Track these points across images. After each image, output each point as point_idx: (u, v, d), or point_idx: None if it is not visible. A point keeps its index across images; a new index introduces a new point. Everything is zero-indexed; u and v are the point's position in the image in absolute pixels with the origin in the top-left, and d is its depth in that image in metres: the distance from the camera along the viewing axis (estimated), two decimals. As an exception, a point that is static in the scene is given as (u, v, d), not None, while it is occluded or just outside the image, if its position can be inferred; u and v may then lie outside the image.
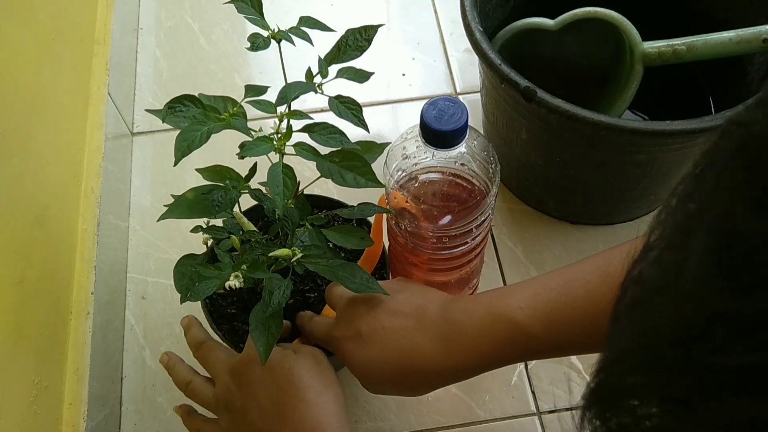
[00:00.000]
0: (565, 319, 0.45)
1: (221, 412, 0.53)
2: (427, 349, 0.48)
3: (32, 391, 0.54)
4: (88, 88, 0.75)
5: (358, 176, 0.47)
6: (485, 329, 0.47)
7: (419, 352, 0.48)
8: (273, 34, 0.48)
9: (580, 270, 0.47)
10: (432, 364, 0.48)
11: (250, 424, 0.50)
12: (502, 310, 0.47)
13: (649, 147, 0.61)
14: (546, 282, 0.48)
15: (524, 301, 0.47)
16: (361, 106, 0.49)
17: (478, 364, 0.48)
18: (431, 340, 0.48)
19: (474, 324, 0.48)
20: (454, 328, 0.48)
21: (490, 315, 0.47)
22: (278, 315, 0.50)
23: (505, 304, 0.47)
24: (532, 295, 0.47)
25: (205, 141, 0.44)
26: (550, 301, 0.46)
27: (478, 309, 0.48)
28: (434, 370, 0.48)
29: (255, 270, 0.49)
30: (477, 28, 0.63)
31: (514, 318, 0.46)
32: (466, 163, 0.53)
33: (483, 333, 0.47)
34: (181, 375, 0.57)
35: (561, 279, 0.47)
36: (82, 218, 0.67)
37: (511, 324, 0.46)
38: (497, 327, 0.47)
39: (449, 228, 0.54)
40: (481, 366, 0.48)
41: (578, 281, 0.46)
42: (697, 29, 0.66)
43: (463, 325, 0.48)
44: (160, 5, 0.95)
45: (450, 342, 0.48)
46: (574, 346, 0.47)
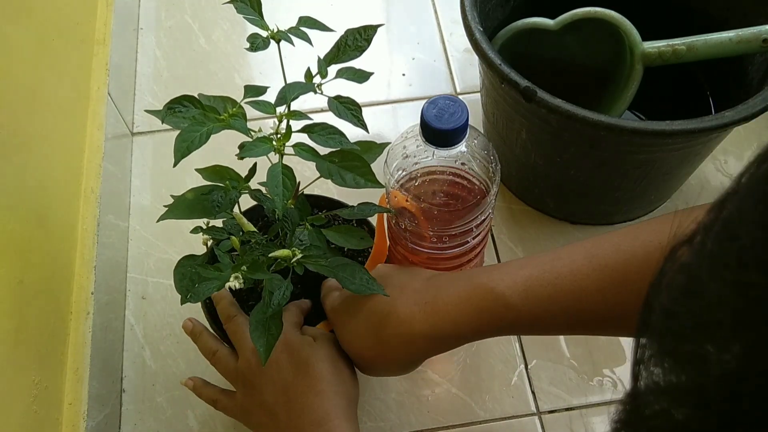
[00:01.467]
0: (546, 294, 0.45)
1: (239, 385, 0.54)
2: (404, 312, 0.49)
3: (32, 391, 0.54)
4: (88, 88, 0.75)
5: (357, 177, 0.47)
6: (464, 296, 0.47)
7: (395, 316, 0.49)
8: (272, 34, 0.48)
9: (569, 251, 0.47)
10: (407, 327, 0.48)
11: (263, 403, 0.52)
12: (484, 281, 0.47)
13: (649, 147, 0.61)
14: (531, 260, 0.48)
15: (507, 275, 0.47)
16: (360, 106, 0.49)
17: (453, 331, 0.48)
18: (409, 305, 0.49)
19: (454, 291, 0.48)
20: (434, 294, 0.49)
21: (471, 284, 0.48)
22: (278, 315, 0.50)
23: (487, 275, 0.48)
24: (516, 269, 0.47)
25: (205, 142, 0.44)
26: (533, 276, 0.46)
27: (460, 278, 0.49)
28: (408, 334, 0.48)
29: (255, 271, 0.49)
30: (477, 28, 0.63)
31: (494, 288, 0.46)
32: (467, 162, 0.53)
33: (461, 300, 0.47)
34: (208, 343, 0.57)
35: (548, 257, 0.48)
36: (82, 218, 0.67)
37: (491, 293, 0.46)
38: (475, 294, 0.47)
39: (449, 227, 0.54)
40: (456, 334, 0.48)
41: (564, 260, 0.46)
42: (697, 29, 0.66)
43: (443, 292, 0.48)
44: (160, 5, 0.95)
45: (426, 306, 0.48)
46: (553, 324, 0.47)
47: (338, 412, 0.50)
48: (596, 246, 0.46)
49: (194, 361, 0.69)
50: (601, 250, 0.46)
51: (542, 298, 0.46)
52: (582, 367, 0.68)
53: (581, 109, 0.57)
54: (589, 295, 0.45)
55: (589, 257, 0.46)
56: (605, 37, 0.68)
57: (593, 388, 0.67)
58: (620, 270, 0.44)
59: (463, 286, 0.48)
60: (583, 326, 0.47)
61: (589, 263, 0.45)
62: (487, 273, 0.48)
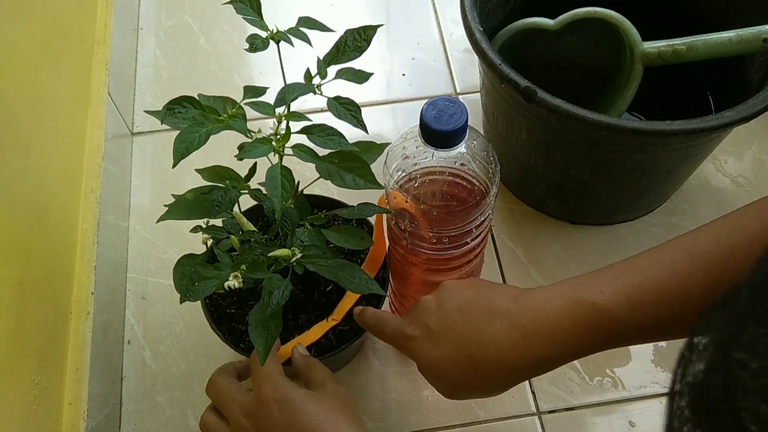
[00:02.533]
0: (651, 301, 0.43)
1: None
2: (501, 339, 0.45)
3: (32, 391, 0.54)
4: (88, 88, 0.75)
5: (357, 177, 0.47)
6: (565, 315, 0.44)
7: (492, 343, 0.46)
8: (272, 34, 0.48)
9: (664, 251, 0.45)
10: (507, 356, 0.45)
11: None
12: (583, 296, 0.44)
13: (649, 147, 0.61)
14: (627, 266, 0.45)
15: (606, 286, 0.44)
16: (359, 107, 0.49)
17: (558, 353, 0.45)
18: (505, 330, 0.46)
19: (552, 311, 0.45)
20: (530, 317, 0.45)
21: (569, 301, 0.44)
22: (277, 315, 0.50)
23: (584, 289, 0.44)
24: (613, 279, 0.44)
25: (204, 142, 0.44)
26: (634, 284, 0.43)
27: (555, 296, 0.46)
28: (510, 362, 0.45)
29: (254, 270, 0.49)
30: (477, 28, 0.63)
31: (596, 302, 0.43)
32: (466, 163, 0.53)
33: (563, 319, 0.44)
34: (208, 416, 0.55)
35: (644, 261, 0.45)
36: (82, 218, 0.67)
37: (594, 308, 0.43)
38: (578, 312, 0.44)
39: (449, 228, 0.54)
40: (560, 356, 0.45)
41: (663, 263, 0.44)
42: (697, 29, 0.66)
43: (540, 313, 0.45)
44: (160, 5, 0.95)
45: (525, 331, 0.45)
46: (660, 330, 0.44)
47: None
48: (694, 243, 0.44)
49: (194, 361, 0.69)
50: (699, 246, 0.43)
51: (649, 306, 0.43)
52: (582, 367, 0.68)
53: (581, 109, 0.57)
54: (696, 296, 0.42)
55: (689, 256, 0.43)
56: (605, 37, 0.68)
57: (593, 388, 0.67)
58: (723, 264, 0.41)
59: (562, 305, 0.45)
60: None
61: (691, 262, 0.43)
62: (584, 286, 0.45)
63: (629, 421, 0.65)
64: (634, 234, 0.75)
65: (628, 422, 0.65)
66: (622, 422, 0.65)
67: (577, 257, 0.74)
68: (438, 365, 0.48)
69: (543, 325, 0.45)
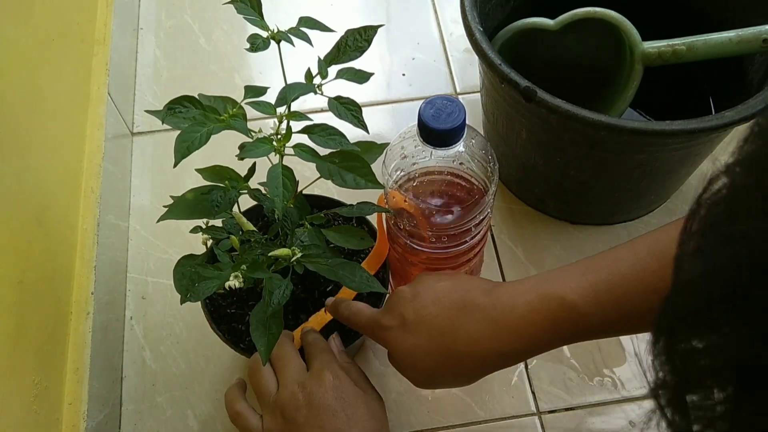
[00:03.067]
0: (616, 296, 0.44)
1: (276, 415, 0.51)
2: (473, 331, 0.47)
3: (32, 391, 0.54)
4: (88, 88, 0.75)
5: (358, 177, 0.47)
6: (534, 309, 0.46)
7: (465, 335, 0.47)
8: (272, 34, 0.48)
9: (630, 249, 0.46)
10: (478, 347, 0.47)
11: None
12: (552, 290, 0.46)
13: (649, 147, 0.61)
14: (594, 262, 0.47)
15: (573, 281, 0.46)
16: (360, 106, 0.49)
17: (527, 346, 0.46)
18: (477, 322, 0.47)
19: (522, 305, 0.47)
20: (502, 310, 0.47)
21: (539, 295, 0.46)
22: (278, 315, 0.50)
23: (553, 285, 0.46)
24: (580, 275, 0.46)
25: (205, 142, 0.44)
26: (600, 280, 0.45)
27: (526, 290, 0.47)
28: (480, 353, 0.47)
29: (255, 270, 0.49)
30: (477, 28, 0.63)
31: (564, 297, 0.45)
32: (465, 162, 0.53)
33: (532, 313, 0.46)
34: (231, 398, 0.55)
35: (609, 258, 0.47)
36: (82, 218, 0.67)
37: (562, 302, 0.45)
38: (547, 306, 0.46)
39: (448, 227, 0.54)
40: (529, 348, 0.47)
41: (627, 260, 0.45)
42: (697, 29, 0.66)
43: (511, 307, 0.47)
44: (160, 5, 0.95)
45: (497, 324, 0.47)
46: (625, 324, 0.46)
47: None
48: (657, 240, 0.45)
49: (194, 361, 0.69)
50: (662, 244, 0.45)
51: (614, 301, 0.44)
52: (582, 367, 0.68)
53: (581, 109, 0.57)
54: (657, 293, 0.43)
55: (652, 253, 0.45)
56: (605, 37, 0.68)
57: (593, 388, 0.67)
58: None
59: (531, 299, 0.46)
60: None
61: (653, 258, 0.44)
62: (551, 282, 0.47)
63: (629, 421, 0.65)
64: (634, 234, 0.75)
65: (628, 422, 0.65)
66: (622, 422, 0.65)
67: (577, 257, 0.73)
68: (411, 354, 0.49)
69: (513, 319, 0.46)
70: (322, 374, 0.51)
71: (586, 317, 0.45)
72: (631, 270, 0.45)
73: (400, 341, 0.50)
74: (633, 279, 0.44)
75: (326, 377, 0.51)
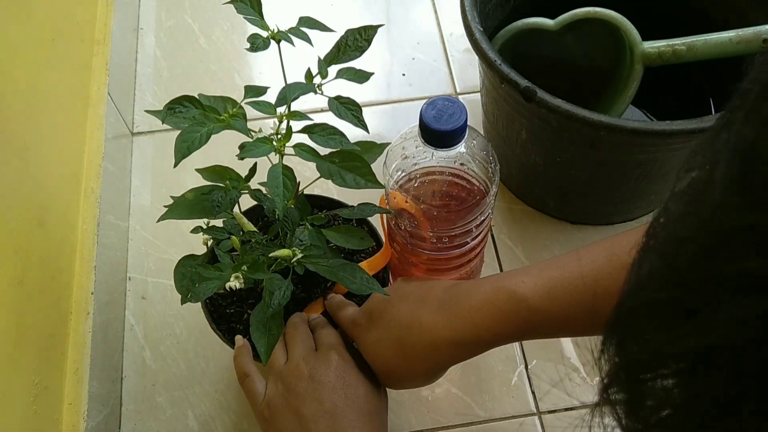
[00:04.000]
0: (567, 294, 0.45)
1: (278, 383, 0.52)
2: (426, 320, 0.49)
3: (32, 391, 0.54)
4: (88, 88, 0.75)
5: (358, 177, 0.47)
6: (486, 300, 0.47)
7: (417, 324, 0.49)
8: (272, 34, 0.48)
9: (588, 250, 0.47)
10: (428, 336, 0.48)
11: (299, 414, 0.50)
12: (505, 284, 0.47)
13: (649, 147, 0.61)
14: (553, 261, 0.48)
15: (528, 277, 0.47)
16: (360, 106, 0.49)
17: (477, 337, 0.47)
18: (431, 312, 0.49)
19: (476, 296, 0.48)
20: (456, 301, 0.48)
21: (493, 288, 0.47)
22: (279, 315, 0.50)
23: (508, 280, 0.47)
24: (537, 272, 0.47)
25: (205, 142, 0.44)
26: (554, 277, 0.46)
27: (483, 284, 0.49)
28: (431, 342, 0.48)
29: (255, 270, 0.49)
30: (477, 28, 0.63)
31: (515, 290, 0.46)
32: (466, 163, 0.53)
33: (484, 304, 0.47)
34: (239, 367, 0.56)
35: (568, 258, 0.47)
36: (82, 218, 0.67)
37: (513, 296, 0.46)
38: (498, 298, 0.47)
39: (449, 228, 0.54)
40: (480, 340, 0.48)
41: (584, 259, 0.46)
42: (697, 29, 0.66)
43: (465, 298, 0.48)
44: (160, 5, 0.95)
45: (449, 313, 0.48)
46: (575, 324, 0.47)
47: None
48: (615, 245, 0.46)
49: (194, 361, 0.69)
50: (619, 248, 0.45)
51: (564, 298, 0.45)
52: (582, 367, 0.68)
53: (581, 109, 0.57)
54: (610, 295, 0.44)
55: (608, 256, 0.45)
56: (605, 37, 0.68)
57: (594, 389, 0.67)
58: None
59: (485, 291, 0.48)
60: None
61: (609, 262, 0.45)
62: (510, 276, 0.48)
63: (629, 421, 0.65)
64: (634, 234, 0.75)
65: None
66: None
67: (577, 257, 0.74)
68: (373, 349, 0.51)
69: (465, 309, 0.48)
70: (329, 354, 0.52)
71: (537, 312, 0.45)
72: (587, 270, 0.45)
73: (365, 336, 0.52)
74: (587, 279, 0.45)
75: (332, 357, 0.52)
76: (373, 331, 0.51)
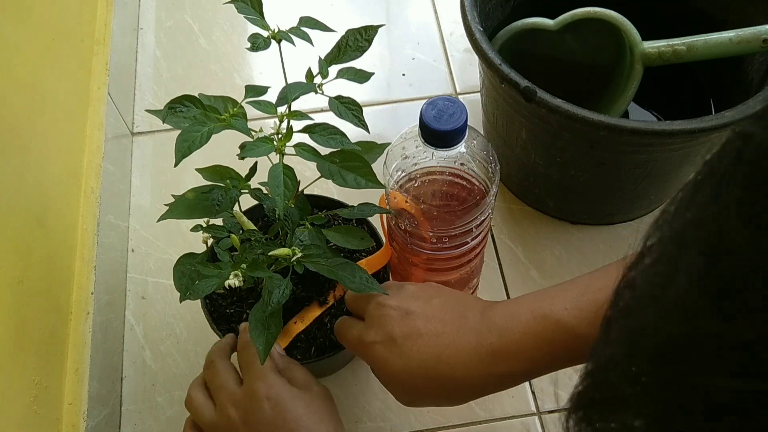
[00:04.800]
0: None
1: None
2: (469, 356, 0.45)
3: (32, 391, 0.54)
4: (88, 88, 0.75)
5: (358, 177, 0.47)
6: (531, 332, 0.45)
7: (461, 362, 0.46)
8: (273, 34, 0.48)
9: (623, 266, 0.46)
10: (475, 372, 0.45)
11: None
12: (548, 312, 0.45)
13: (649, 147, 0.61)
14: (590, 282, 0.46)
15: (570, 302, 0.45)
16: (361, 106, 0.49)
17: (526, 369, 0.45)
18: (472, 346, 0.46)
19: (519, 328, 0.45)
20: (498, 333, 0.46)
21: (535, 318, 0.45)
22: (278, 314, 0.50)
23: (549, 306, 0.45)
24: (577, 296, 0.45)
25: (206, 142, 0.44)
26: (597, 301, 0.44)
27: (522, 312, 0.46)
28: (478, 378, 0.46)
29: (255, 269, 0.49)
30: (477, 28, 0.63)
31: (560, 319, 0.44)
32: (466, 163, 0.53)
33: (529, 336, 0.45)
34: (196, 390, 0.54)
35: (607, 278, 0.45)
36: (82, 218, 0.67)
37: (559, 325, 0.44)
38: (544, 329, 0.44)
39: (449, 228, 0.54)
40: (528, 371, 0.46)
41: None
42: (697, 29, 0.66)
43: (508, 330, 0.45)
44: (160, 5, 0.95)
45: (493, 347, 0.45)
46: None
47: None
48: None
49: (194, 361, 0.69)
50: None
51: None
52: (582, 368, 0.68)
53: (581, 109, 0.57)
54: None
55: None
56: (605, 37, 0.68)
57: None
58: None
59: (527, 321, 0.45)
60: None
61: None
62: (548, 302, 0.45)
63: (629, 421, 0.65)
64: (635, 234, 0.75)
65: (628, 422, 0.65)
66: (622, 422, 0.65)
67: (577, 257, 0.74)
68: (401, 376, 0.47)
69: (510, 342, 0.45)
70: (254, 387, 0.50)
71: (583, 339, 0.43)
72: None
73: (389, 362, 0.47)
74: None
75: (259, 389, 0.49)
76: (397, 359, 0.47)
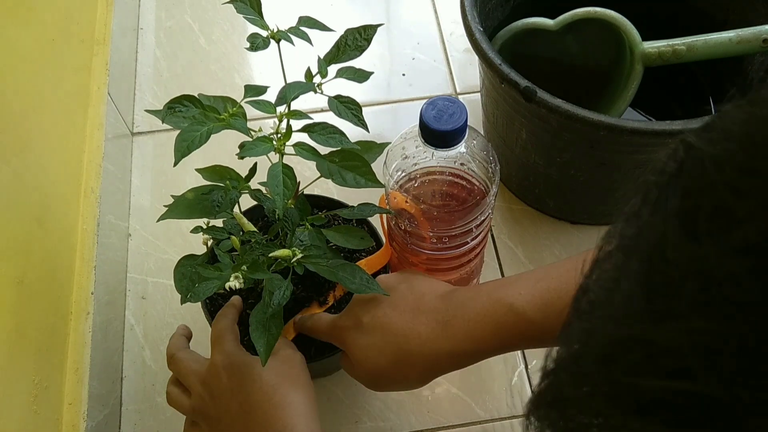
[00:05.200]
0: (562, 306, 0.45)
1: (200, 420, 0.53)
2: (425, 331, 0.49)
3: (32, 391, 0.54)
4: (88, 88, 0.75)
5: (358, 176, 0.47)
6: (484, 313, 0.47)
7: (416, 335, 0.49)
8: (272, 34, 0.48)
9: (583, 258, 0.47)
10: (428, 347, 0.48)
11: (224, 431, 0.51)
12: (502, 296, 0.48)
13: (649, 147, 0.61)
14: (547, 271, 0.48)
15: (525, 288, 0.47)
16: (360, 105, 0.49)
17: (475, 348, 0.48)
18: (429, 323, 0.49)
19: (473, 308, 0.48)
20: (454, 313, 0.49)
21: (489, 300, 0.48)
22: (278, 315, 0.50)
23: (505, 291, 0.48)
24: (533, 283, 0.48)
25: (205, 141, 0.44)
26: (549, 289, 0.47)
27: (479, 295, 0.49)
28: (430, 353, 0.48)
29: (255, 270, 0.49)
30: (477, 28, 0.63)
31: (513, 303, 0.47)
32: (466, 163, 0.53)
33: (482, 317, 0.47)
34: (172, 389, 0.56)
35: (562, 268, 0.48)
36: (82, 218, 0.67)
37: (510, 309, 0.47)
38: (496, 311, 0.47)
39: (449, 228, 0.54)
40: (478, 351, 0.48)
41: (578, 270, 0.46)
42: (697, 29, 0.66)
43: (463, 309, 0.48)
44: (160, 5, 0.95)
45: (447, 325, 0.48)
46: None
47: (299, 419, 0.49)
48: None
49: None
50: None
51: (559, 310, 0.45)
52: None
53: (581, 109, 0.57)
54: None
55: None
56: (605, 37, 0.68)
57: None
58: None
59: (483, 303, 0.48)
60: None
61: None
62: (505, 288, 0.48)
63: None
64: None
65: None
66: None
67: (577, 257, 0.74)
68: (365, 353, 0.51)
69: (464, 321, 0.48)
70: (213, 361, 0.52)
71: (533, 324, 0.46)
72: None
73: (356, 341, 0.51)
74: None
75: (216, 361, 0.52)
76: (364, 336, 0.51)
